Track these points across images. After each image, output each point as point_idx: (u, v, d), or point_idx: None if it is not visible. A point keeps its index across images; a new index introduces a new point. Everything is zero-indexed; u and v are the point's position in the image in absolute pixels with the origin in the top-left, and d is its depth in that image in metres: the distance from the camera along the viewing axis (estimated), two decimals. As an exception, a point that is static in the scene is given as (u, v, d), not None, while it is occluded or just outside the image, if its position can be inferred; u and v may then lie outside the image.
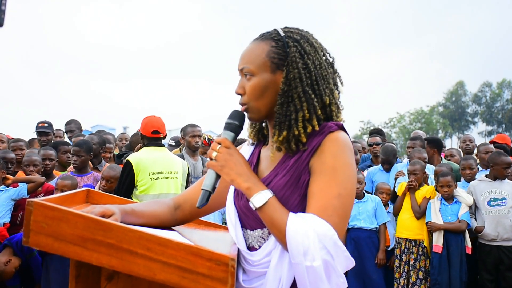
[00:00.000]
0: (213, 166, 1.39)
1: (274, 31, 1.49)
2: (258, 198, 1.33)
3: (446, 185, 4.82)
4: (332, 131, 1.40)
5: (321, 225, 1.27)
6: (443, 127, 56.14)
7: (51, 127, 6.36)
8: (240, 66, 1.48)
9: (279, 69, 1.44)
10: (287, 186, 1.40)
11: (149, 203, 1.60)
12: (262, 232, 1.45)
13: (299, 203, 1.38)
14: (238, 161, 1.38)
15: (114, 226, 1.12)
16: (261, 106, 1.46)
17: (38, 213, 1.12)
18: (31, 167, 4.56)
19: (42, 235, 1.12)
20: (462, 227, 4.76)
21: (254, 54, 1.46)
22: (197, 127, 5.42)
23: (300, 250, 1.25)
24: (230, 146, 1.40)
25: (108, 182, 4.35)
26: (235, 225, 1.50)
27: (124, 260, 1.11)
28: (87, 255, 1.12)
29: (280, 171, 1.44)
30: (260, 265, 1.41)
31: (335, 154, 1.37)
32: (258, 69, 1.44)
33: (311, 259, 1.25)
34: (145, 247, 1.10)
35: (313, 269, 1.25)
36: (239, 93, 1.48)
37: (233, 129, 1.45)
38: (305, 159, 1.40)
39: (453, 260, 4.69)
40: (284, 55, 1.44)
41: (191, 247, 1.10)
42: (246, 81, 1.46)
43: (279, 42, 1.45)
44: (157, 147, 4.44)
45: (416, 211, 4.93)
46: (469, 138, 6.60)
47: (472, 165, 5.20)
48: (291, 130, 1.41)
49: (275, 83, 1.45)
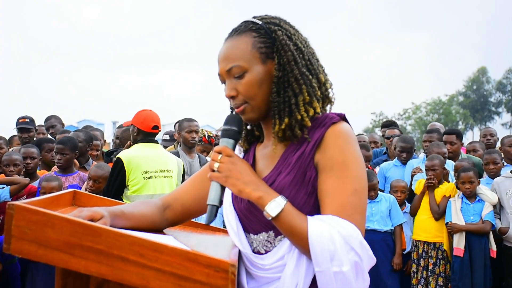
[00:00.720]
0: (217, 178, 1.39)
1: (249, 23, 1.51)
2: (272, 206, 1.34)
3: (468, 181, 4.78)
4: (335, 122, 1.43)
5: (345, 226, 1.30)
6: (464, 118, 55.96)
7: (33, 123, 6.36)
8: (226, 67, 1.47)
9: (268, 57, 1.47)
10: (292, 184, 1.42)
11: (137, 204, 1.62)
12: (268, 236, 1.46)
13: (306, 201, 1.40)
14: (243, 169, 1.39)
15: (103, 230, 1.12)
16: (260, 102, 1.47)
17: (20, 217, 1.12)
18: (12, 167, 4.58)
19: (25, 241, 1.12)
20: (486, 228, 4.73)
21: (238, 50, 1.46)
22: (194, 122, 5.41)
23: (326, 256, 1.28)
24: (232, 155, 1.40)
25: (95, 182, 4.35)
26: (237, 229, 1.51)
27: (115, 267, 1.11)
28: (74, 263, 1.12)
29: (283, 169, 1.45)
30: (272, 269, 1.42)
31: (343, 147, 1.40)
32: (249, 64, 1.45)
33: (339, 264, 1.28)
34: (137, 253, 1.10)
35: (342, 274, 1.28)
36: (232, 95, 1.48)
37: (232, 135, 1.46)
38: (309, 154, 1.42)
39: (476, 265, 4.66)
40: (270, 42, 1.47)
41: (188, 252, 1.11)
42: (237, 81, 1.46)
43: (260, 30, 1.48)
44: (151, 144, 4.44)
45: (435, 211, 4.89)
46: (490, 132, 6.60)
47: (497, 159, 5.17)
48: (292, 115, 1.44)
49: (268, 73, 1.47)
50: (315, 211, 1.40)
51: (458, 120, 55.56)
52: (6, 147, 5.44)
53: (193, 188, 1.67)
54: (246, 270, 1.50)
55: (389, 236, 4.99)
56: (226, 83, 1.49)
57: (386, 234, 4.96)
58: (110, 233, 1.12)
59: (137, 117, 4.46)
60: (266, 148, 1.57)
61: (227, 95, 1.48)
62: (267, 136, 1.59)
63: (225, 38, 1.53)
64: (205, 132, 5.90)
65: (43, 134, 6.95)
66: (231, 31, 1.53)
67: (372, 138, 7.31)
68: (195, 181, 1.69)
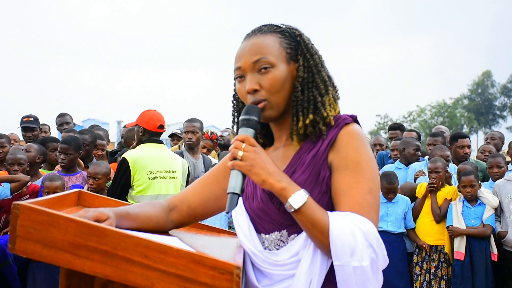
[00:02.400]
0: (241, 167, 1.37)
1: (272, 26, 1.55)
2: (296, 198, 1.34)
3: (468, 185, 4.79)
4: (348, 123, 1.47)
5: (364, 223, 1.33)
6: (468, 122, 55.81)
7: (37, 122, 6.36)
8: (254, 58, 1.47)
9: (292, 59, 1.51)
10: (307, 182, 1.44)
11: (143, 205, 1.62)
12: (281, 235, 1.47)
13: (320, 200, 1.42)
14: (267, 159, 1.38)
15: (109, 231, 1.12)
16: (281, 100, 1.49)
17: (25, 217, 1.12)
18: (16, 166, 4.58)
19: (30, 242, 1.12)
20: (487, 232, 4.74)
21: (267, 45, 1.49)
22: (193, 122, 5.39)
23: (346, 250, 1.30)
24: (255, 144, 1.39)
25: (95, 180, 4.34)
26: (249, 228, 1.51)
27: (120, 268, 1.11)
28: (79, 263, 1.11)
29: (297, 168, 1.47)
30: (286, 265, 1.43)
31: (357, 148, 1.43)
32: (277, 60, 1.48)
33: (359, 259, 1.30)
34: (142, 254, 1.10)
35: (362, 269, 1.30)
36: (255, 89, 1.47)
37: (252, 125, 1.43)
38: (323, 153, 1.45)
39: (477, 268, 4.67)
40: (294, 45, 1.53)
41: (193, 254, 1.10)
42: (260, 76, 1.47)
43: (285, 33, 1.53)
44: (156, 144, 4.45)
45: (436, 213, 4.91)
46: (492, 136, 6.57)
47: (500, 163, 5.16)
48: (317, 113, 1.47)
49: (291, 74, 1.51)
50: (328, 210, 1.40)
51: (462, 124, 55.43)
52: (9, 145, 5.45)
53: (200, 190, 1.67)
54: (258, 269, 1.49)
55: (402, 238, 4.96)
56: (248, 77, 1.49)
57: (397, 236, 4.93)
58: (115, 234, 1.12)
59: (142, 117, 4.46)
60: (276, 150, 1.58)
61: (250, 88, 1.47)
62: (278, 138, 1.60)
63: (245, 37, 1.55)
64: (209, 130, 5.92)
65: (45, 133, 6.96)
66: (253, 31, 1.55)
67: (377, 141, 7.29)
68: (202, 184, 1.69)
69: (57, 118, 6.79)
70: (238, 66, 1.51)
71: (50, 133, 7.21)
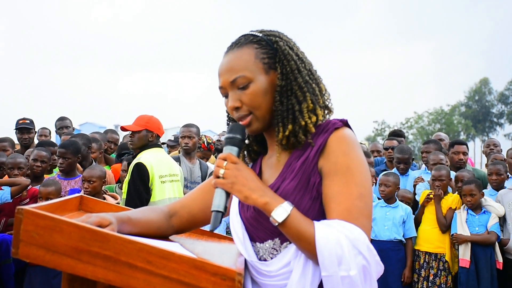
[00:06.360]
0: (223, 185, 1.38)
1: (249, 36, 1.53)
2: (279, 212, 1.33)
3: (468, 194, 4.77)
4: (337, 128, 1.45)
5: (352, 230, 1.31)
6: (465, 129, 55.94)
7: (33, 124, 6.33)
8: (231, 78, 1.48)
9: (271, 68, 1.50)
10: (296, 190, 1.43)
11: (144, 210, 1.63)
12: (274, 243, 1.47)
13: (311, 206, 1.41)
14: (249, 175, 1.39)
15: (111, 236, 1.13)
16: (265, 111, 1.49)
17: (29, 222, 1.12)
18: (16, 170, 4.57)
19: (33, 246, 1.12)
20: (491, 239, 4.70)
21: (242, 61, 1.48)
22: (189, 127, 5.39)
23: (333, 260, 1.28)
24: (237, 161, 1.40)
25: (90, 183, 4.29)
26: (243, 238, 1.52)
27: (122, 274, 1.11)
28: (82, 268, 1.12)
29: (287, 175, 1.47)
30: (278, 276, 1.42)
31: (346, 152, 1.41)
32: (254, 74, 1.47)
33: (346, 268, 1.28)
34: (145, 260, 1.11)
35: (350, 279, 1.28)
36: (237, 106, 1.48)
37: (236, 143, 1.45)
38: (313, 159, 1.44)
39: (482, 276, 4.63)
40: (272, 52, 1.51)
41: (195, 260, 1.11)
42: (241, 92, 1.47)
43: (261, 42, 1.51)
44: (160, 148, 4.55)
45: (442, 223, 4.86)
46: (493, 142, 6.59)
47: (500, 171, 5.14)
48: (296, 122, 1.46)
49: (271, 83, 1.49)
50: (320, 217, 1.40)
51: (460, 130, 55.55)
52: (11, 149, 5.43)
53: (200, 197, 1.68)
54: (252, 279, 1.50)
55: (399, 246, 4.93)
56: (230, 94, 1.50)
57: (394, 244, 4.89)
58: (118, 239, 1.13)
59: (151, 123, 4.48)
60: (270, 158, 1.59)
61: (231, 106, 1.48)
62: (270, 146, 1.60)
63: (225, 51, 1.55)
64: (205, 138, 5.87)
65: (45, 137, 6.95)
66: (231, 45, 1.54)
67: (375, 147, 7.30)
68: (203, 190, 1.70)
69: (56, 122, 6.77)
70: (219, 86, 1.53)
71: (50, 137, 7.19)
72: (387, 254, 4.76)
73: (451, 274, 4.82)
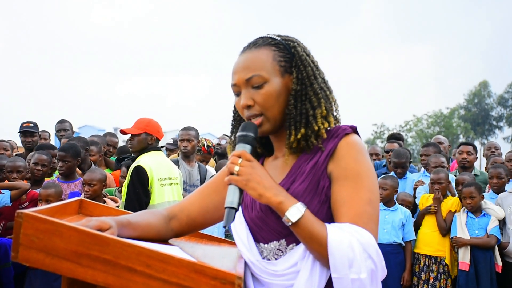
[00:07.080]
0: (237, 182, 1.38)
1: (267, 38, 1.55)
2: (293, 212, 1.35)
3: (468, 196, 4.77)
4: (348, 134, 1.48)
5: (363, 234, 1.33)
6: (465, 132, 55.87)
7: (37, 127, 6.35)
8: (246, 76, 1.49)
9: (286, 72, 1.52)
10: (306, 192, 1.44)
11: (143, 214, 1.63)
12: (279, 245, 1.48)
13: (319, 210, 1.43)
14: (263, 174, 1.40)
15: (111, 240, 1.13)
16: (277, 113, 1.50)
17: (29, 226, 1.12)
18: (15, 174, 4.57)
19: (33, 250, 1.12)
20: (491, 242, 4.70)
21: (259, 61, 1.50)
22: (188, 131, 5.39)
23: (345, 263, 1.30)
24: (251, 159, 1.41)
25: (90, 186, 4.31)
26: (247, 238, 1.52)
27: (122, 277, 1.11)
28: (82, 272, 1.12)
29: (297, 177, 1.48)
30: (284, 276, 1.43)
31: (356, 158, 1.44)
32: (270, 75, 1.49)
33: (357, 271, 1.30)
34: (144, 263, 1.11)
35: (360, 282, 1.31)
36: (249, 104, 1.49)
37: (249, 141, 1.46)
38: (323, 163, 1.46)
39: (481, 279, 4.63)
40: (289, 57, 1.53)
41: (194, 264, 1.11)
42: (254, 91, 1.49)
43: (279, 45, 1.53)
44: (160, 151, 4.56)
45: (442, 227, 4.86)
46: (494, 145, 6.61)
47: (501, 174, 5.14)
48: (309, 126, 1.47)
49: (285, 86, 1.51)
50: (327, 220, 1.41)
51: (459, 133, 55.53)
52: (10, 150, 5.42)
53: (199, 200, 1.68)
54: (256, 279, 1.50)
55: (399, 249, 4.93)
56: (243, 92, 1.51)
57: (393, 247, 4.88)
58: (117, 243, 1.13)
59: (151, 126, 4.49)
60: (276, 160, 1.59)
61: (244, 103, 1.49)
62: (277, 149, 1.61)
63: (241, 51, 1.56)
64: (205, 141, 5.86)
65: (45, 139, 6.96)
66: (248, 45, 1.56)
67: (374, 150, 7.31)
68: (202, 193, 1.70)
69: (56, 124, 6.79)
70: (233, 83, 1.53)
71: (49, 140, 7.20)
72: (386, 257, 4.61)
73: (450, 277, 4.82)
